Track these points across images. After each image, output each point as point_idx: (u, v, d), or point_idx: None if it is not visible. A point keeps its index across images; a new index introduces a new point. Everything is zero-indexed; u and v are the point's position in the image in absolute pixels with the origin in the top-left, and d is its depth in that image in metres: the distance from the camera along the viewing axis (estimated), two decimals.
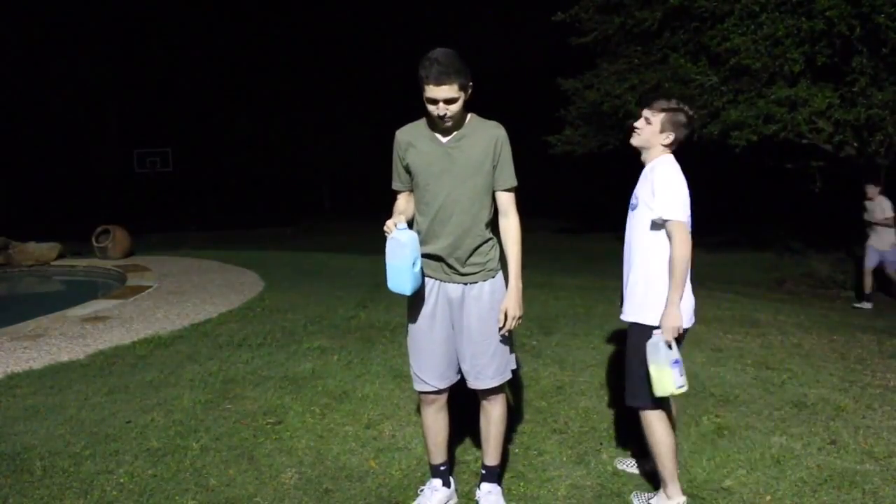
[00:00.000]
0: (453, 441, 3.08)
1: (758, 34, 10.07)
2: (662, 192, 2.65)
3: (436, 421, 2.86)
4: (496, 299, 2.72)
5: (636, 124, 2.83)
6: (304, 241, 17.42)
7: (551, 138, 14.39)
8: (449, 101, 2.57)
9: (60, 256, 11.05)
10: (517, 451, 3.37)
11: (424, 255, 2.72)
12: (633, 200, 2.81)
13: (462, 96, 2.59)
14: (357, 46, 27.99)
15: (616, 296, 3.12)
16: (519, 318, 2.68)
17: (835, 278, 10.03)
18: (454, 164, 2.67)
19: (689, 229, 2.68)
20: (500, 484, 2.94)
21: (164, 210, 25.31)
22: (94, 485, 3.05)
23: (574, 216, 19.85)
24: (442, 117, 2.59)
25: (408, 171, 2.75)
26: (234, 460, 3.28)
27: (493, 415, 2.84)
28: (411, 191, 2.81)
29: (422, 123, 2.75)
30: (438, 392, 2.81)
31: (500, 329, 2.69)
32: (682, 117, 2.77)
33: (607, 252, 14.18)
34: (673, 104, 2.79)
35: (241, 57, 27.71)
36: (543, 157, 14.95)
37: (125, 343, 5.41)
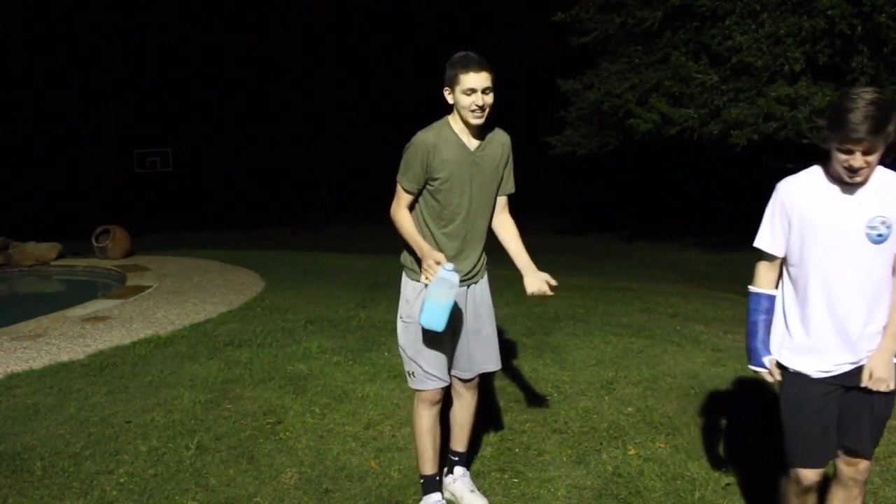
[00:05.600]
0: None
1: (759, 33, 10.09)
2: None
3: (436, 424, 2.80)
4: (487, 290, 2.88)
5: (854, 163, 2.06)
6: (304, 241, 17.41)
7: (551, 139, 14.42)
8: (487, 92, 2.49)
9: (60, 256, 11.05)
10: (517, 451, 3.36)
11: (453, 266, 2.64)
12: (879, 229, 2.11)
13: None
14: (356, 47, 28.00)
15: (619, 297, 3.10)
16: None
17: None
18: (481, 172, 2.64)
19: None
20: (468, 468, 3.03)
21: (164, 210, 25.30)
22: (94, 485, 3.05)
23: (574, 216, 19.84)
24: (481, 108, 2.48)
25: (427, 175, 2.58)
26: (234, 460, 3.28)
27: (474, 402, 2.92)
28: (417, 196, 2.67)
29: (445, 127, 2.60)
30: (443, 389, 2.78)
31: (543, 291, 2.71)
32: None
33: (607, 252, 14.23)
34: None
35: (241, 57, 27.71)
36: (543, 157, 14.96)
37: (125, 343, 5.40)
